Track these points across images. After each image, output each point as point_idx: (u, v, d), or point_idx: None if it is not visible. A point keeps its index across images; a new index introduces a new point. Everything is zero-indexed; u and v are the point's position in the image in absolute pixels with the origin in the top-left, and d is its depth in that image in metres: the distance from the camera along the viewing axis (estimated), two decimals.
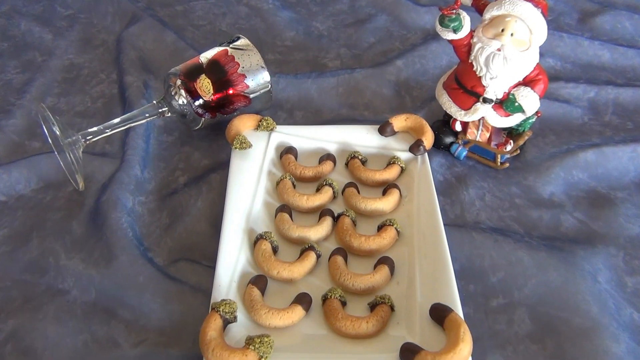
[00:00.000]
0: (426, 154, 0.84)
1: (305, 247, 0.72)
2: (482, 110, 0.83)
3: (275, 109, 0.92)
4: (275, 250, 0.72)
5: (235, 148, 0.82)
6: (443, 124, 0.90)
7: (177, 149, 0.89)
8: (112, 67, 1.05)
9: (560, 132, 0.94)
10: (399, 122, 0.87)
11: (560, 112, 0.97)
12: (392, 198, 0.78)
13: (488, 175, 0.87)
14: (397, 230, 0.74)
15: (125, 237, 0.72)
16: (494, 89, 0.81)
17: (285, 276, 0.69)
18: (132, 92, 0.94)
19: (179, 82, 0.84)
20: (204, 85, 0.85)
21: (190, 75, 0.85)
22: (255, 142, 0.85)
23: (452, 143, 0.89)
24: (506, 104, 0.82)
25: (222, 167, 0.85)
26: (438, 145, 0.89)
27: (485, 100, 0.82)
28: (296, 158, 0.85)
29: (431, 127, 0.88)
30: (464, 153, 0.89)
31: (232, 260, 0.70)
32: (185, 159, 0.84)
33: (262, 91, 0.89)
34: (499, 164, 0.87)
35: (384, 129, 0.87)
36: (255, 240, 0.72)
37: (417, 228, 0.74)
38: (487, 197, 0.83)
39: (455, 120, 0.87)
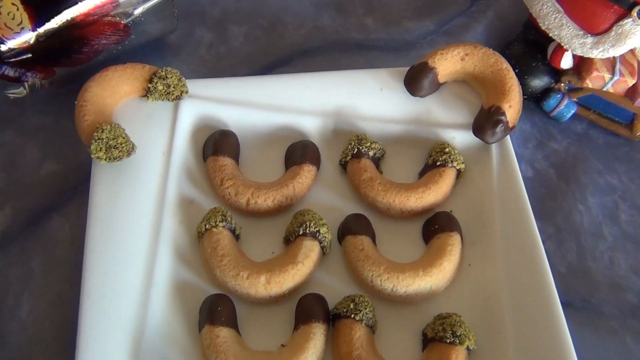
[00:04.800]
0: (509, 137, 0.40)
1: None
2: (637, 36, 0.38)
3: (191, 26, 0.51)
4: None
5: (98, 159, 0.37)
6: (528, 48, 0.45)
7: None
8: None
9: None
10: (447, 63, 0.42)
11: None
12: (448, 263, 0.36)
13: (617, 156, 0.45)
14: (468, 349, 0.34)
15: None
16: None
17: None
18: None
19: None
20: (7, 10, 0.36)
21: None
22: (144, 132, 0.40)
23: (547, 90, 0.45)
24: None
25: (81, 186, 0.41)
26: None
27: None
28: (237, 158, 0.41)
29: (504, 53, 0.43)
30: (573, 110, 0.45)
31: None
32: (7, 163, 0.39)
33: (150, 2, 0.41)
34: (638, 133, 0.44)
35: (418, 79, 0.42)
36: None
37: (511, 334, 0.34)
38: (624, 212, 0.43)
39: (562, 50, 0.42)
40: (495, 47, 0.43)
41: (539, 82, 0.45)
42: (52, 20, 0.38)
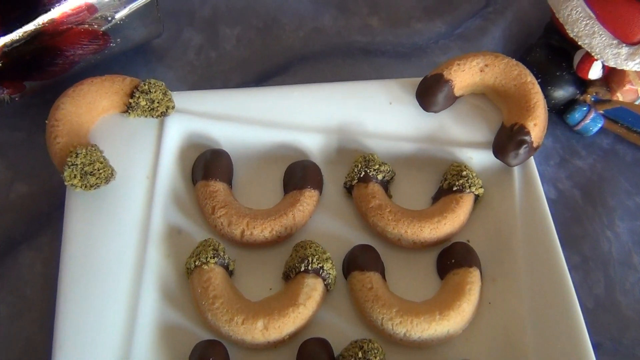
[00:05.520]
0: (532, 158, 0.36)
1: None
2: None
3: (178, 27, 0.47)
4: None
5: (73, 186, 0.33)
6: (551, 56, 0.41)
7: None
8: None
9: None
10: (465, 75, 0.37)
11: None
12: (467, 304, 0.33)
13: None
14: None
15: None
16: None
17: None
18: None
19: None
20: None
21: None
22: (125, 153, 0.35)
23: (571, 102, 0.41)
24: None
25: (55, 213, 0.36)
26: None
27: None
28: (230, 181, 0.37)
29: (524, 60, 0.39)
30: (599, 125, 0.41)
31: None
32: None
33: (132, 4, 0.37)
34: None
35: (432, 93, 0.37)
36: None
37: None
38: None
39: (591, 59, 0.38)
40: (513, 54, 0.39)
41: (563, 94, 0.41)
42: (19, 30, 0.33)
